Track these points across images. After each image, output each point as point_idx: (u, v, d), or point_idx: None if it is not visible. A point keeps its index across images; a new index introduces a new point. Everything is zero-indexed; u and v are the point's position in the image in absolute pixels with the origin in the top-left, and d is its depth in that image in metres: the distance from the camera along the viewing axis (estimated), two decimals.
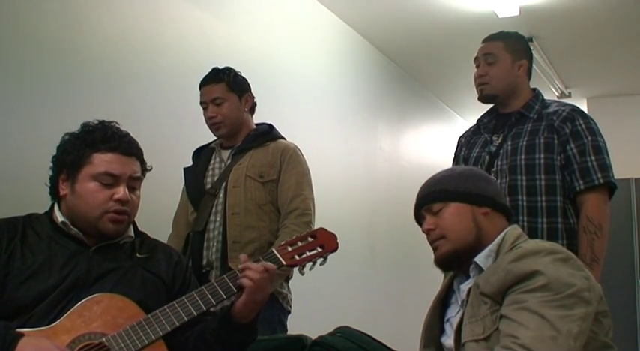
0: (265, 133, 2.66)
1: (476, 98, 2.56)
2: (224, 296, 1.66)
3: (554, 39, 5.25)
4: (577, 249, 2.29)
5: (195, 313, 1.63)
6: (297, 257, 1.74)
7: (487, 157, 2.45)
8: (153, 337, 1.58)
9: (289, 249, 1.75)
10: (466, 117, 7.76)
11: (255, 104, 2.69)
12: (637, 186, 5.21)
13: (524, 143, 2.38)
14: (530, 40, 5.02)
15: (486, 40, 2.55)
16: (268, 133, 2.66)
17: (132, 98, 2.88)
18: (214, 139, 2.73)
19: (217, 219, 2.53)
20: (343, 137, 4.82)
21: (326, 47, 4.69)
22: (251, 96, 2.66)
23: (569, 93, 6.62)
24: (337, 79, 4.83)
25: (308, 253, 1.75)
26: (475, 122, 2.63)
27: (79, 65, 2.64)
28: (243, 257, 1.70)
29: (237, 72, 2.64)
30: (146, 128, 2.75)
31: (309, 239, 1.77)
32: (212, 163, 2.65)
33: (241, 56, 3.38)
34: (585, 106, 6.59)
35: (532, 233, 2.29)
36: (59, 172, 1.75)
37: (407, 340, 2.17)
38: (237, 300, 1.66)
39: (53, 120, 2.33)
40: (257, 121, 2.71)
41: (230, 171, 2.56)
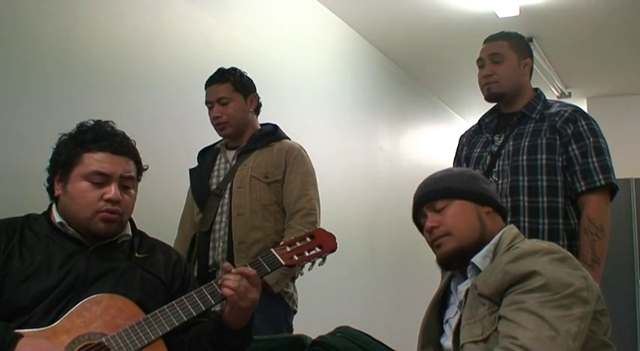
0: (270, 134, 2.66)
1: (476, 98, 2.56)
2: (222, 297, 1.64)
3: (554, 39, 5.25)
4: (578, 250, 2.29)
5: (194, 314, 1.62)
6: (296, 257, 1.74)
7: (489, 157, 2.45)
8: (152, 337, 1.57)
9: (288, 249, 1.75)
10: (466, 117, 7.76)
11: (260, 105, 2.69)
12: (637, 186, 5.21)
13: (526, 144, 2.38)
14: (530, 40, 5.02)
15: (489, 40, 2.53)
16: (273, 134, 2.66)
17: (131, 98, 2.88)
18: (219, 140, 2.73)
19: (223, 219, 2.53)
20: (343, 137, 4.82)
21: (326, 47, 4.69)
22: (256, 96, 2.67)
23: (569, 93, 6.62)
24: (337, 79, 4.82)
25: (307, 254, 1.75)
26: (476, 122, 2.63)
27: (79, 65, 2.64)
28: (226, 266, 1.68)
29: (242, 72, 2.65)
30: (146, 128, 2.76)
31: (307, 239, 1.77)
32: (217, 164, 2.65)
33: (241, 56, 3.38)
34: (585, 106, 6.59)
35: (533, 234, 2.29)
36: (54, 173, 1.74)
37: (406, 340, 2.17)
38: (224, 309, 1.66)
39: (53, 120, 2.33)
40: (258, 121, 2.70)
41: (235, 171, 2.57)
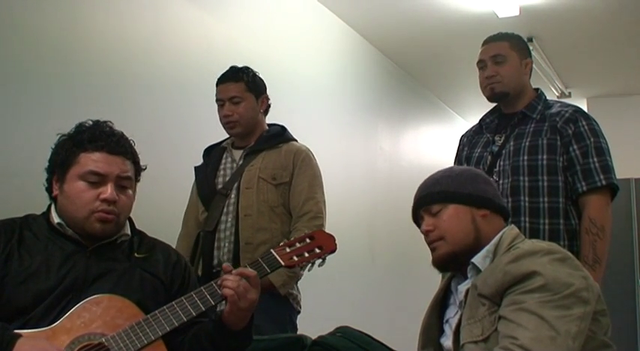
0: (278, 135, 2.65)
1: (476, 98, 2.56)
2: (222, 297, 1.65)
3: (554, 39, 5.25)
4: (579, 250, 2.29)
5: (194, 314, 1.62)
6: (295, 258, 1.74)
7: (489, 157, 2.45)
8: (152, 338, 1.57)
9: (288, 250, 1.75)
10: (466, 117, 7.76)
11: (269, 106, 2.68)
12: (637, 186, 5.20)
13: (527, 144, 2.38)
14: (530, 40, 5.03)
15: (489, 41, 2.53)
16: (281, 135, 2.66)
17: (131, 98, 2.88)
18: (225, 138, 2.72)
19: (229, 219, 2.52)
20: (343, 137, 4.82)
21: (326, 47, 4.69)
22: (267, 97, 2.66)
23: (569, 93, 6.62)
24: (337, 79, 4.82)
25: (306, 255, 1.75)
26: (476, 122, 2.63)
27: (79, 65, 2.64)
28: (226, 267, 1.68)
29: (255, 72, 2.64)
30: (146, 128, 2.76)
31: (307, 241, 1.77)
32: (223, 163, 2.64)
33: (241, 56, 3.37)
34: (585, 106, 6.59)
35: (534, 234, 2.29)
36: (52, 173, 1.74)
37: (406, 340, 2.17)
38: (223, 309, 1.66)
39: (53, 120, 2.32)
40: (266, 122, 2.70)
41: (242, 172, 2.56)
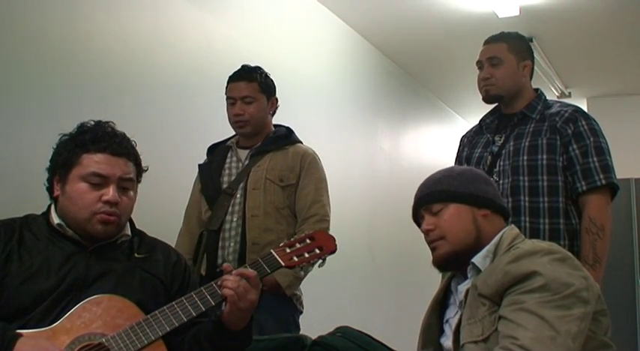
0: (285, 137, 2.66)
1: (476, 98, 2.56)
2: (222, 297, 1.65)
3: (554, 39, 5.25)
4: (579, 250, 2.30)
5: (194, 314, 1.63)
6: (295, 258, 1.74)
7: (489, 157, 2.45)
8: (152, 338, 1.58)
9: (288, 250, 1.74)
10: (466, 117, 7.76)
11: (277, 107, 2.69)
12: (637, 186, 5.20)
13: (526, 144, 2.38)
14: (530, 40, 5.01)
15: (488, 42, 2.53)
16: (288, 137, 2.67)
17: (131, 98, 2.88)
18: (229, 137, 2.72)
19: (234, 219, 2.53)
20: (343, 137, 4.81)
21: (326, 47, 4.69)
22: (277, 99, 2.67)
23: (569, 93, 6.62)
24: (337, 79, 4.82)
25: (307, 255, 1.75)
26: (477, 122, 2.63)
27: (79, 65, 2.64)
28: (226, 267, 1.68)
29: (267, 73, 2.65)
30: (147, 128, 2.76)
31: (307, 241, 1.77)
32: (228, 162, 2.64)
33: (241, 56, 3.36)
34: (585, 106, 6.59)
35: (534, 234, 2.29)
36: (54, 173, 1.74)
37: (406, 340, 2.17)
38: (223, 309, 1.66)
39: (54, 120, 2.33)
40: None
41: (249, 172, 2.56)
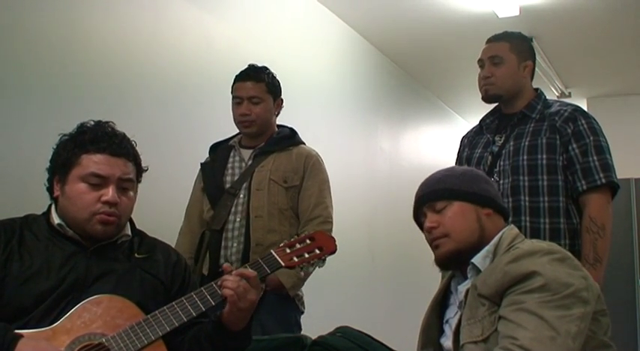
0: (288, 138, 2.66)
1: (476, 98, 2.56)
2: (222, 297, 1.65)
3: (554, 39, 5.25)
4: (580, 249, 2.30)
5: (194, 314, 1.63)
6: (295, 259, 1.74)
7: (489, 157, 2.45)
8: (152, 338, 1.58)
9: (288, 251, 1.74)
10: (466, 117, 7.76)
11: (282, 108, 2.69)
12: (637, 186, 5.20)
13: (526, 143, 2.38)
14: (530, 40, 5.02)
15: (491, 41, 2.53)
16: (291, 138, 2.67)
17: (132, 98, 2.88)
18: (232, 136, 2.72)
19: (237, 219, 2.52)
20: (343, 137, 4.82)
21: (326, 47, 4.69)
22: (282, 100, 2.67)
23: (569, 93, 6.62)
24: (337, 79, 4.82)
25: (306, 255, 1.75)
26: (477, 122, 2.63)
27: (80, 65, 2.64)
28: (226, 267, 1.68)
29: (274, 74, 2.65)
30: (147, 128, 2.76)
31: (307, 241, 1.77)
32: (231, 162, 2.64)
33: (241, 56, 3.37)
34: (585, 106, 6.59)
35: (534, 233, 2.29)
36: (53, 174, 1.74)
37: (406, 340, 2.17)
38: (223, 310, 1.66)
39: (54, 120, 2.33)
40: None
41: (252, 172, 2.56)
